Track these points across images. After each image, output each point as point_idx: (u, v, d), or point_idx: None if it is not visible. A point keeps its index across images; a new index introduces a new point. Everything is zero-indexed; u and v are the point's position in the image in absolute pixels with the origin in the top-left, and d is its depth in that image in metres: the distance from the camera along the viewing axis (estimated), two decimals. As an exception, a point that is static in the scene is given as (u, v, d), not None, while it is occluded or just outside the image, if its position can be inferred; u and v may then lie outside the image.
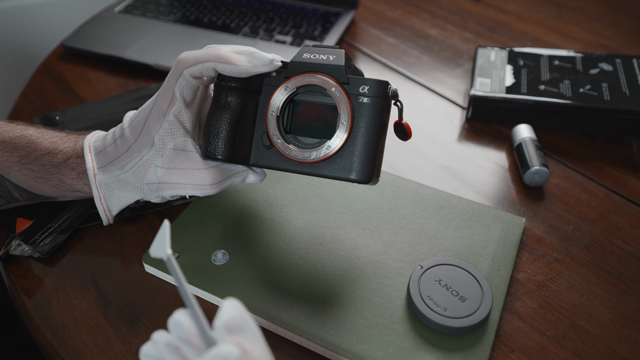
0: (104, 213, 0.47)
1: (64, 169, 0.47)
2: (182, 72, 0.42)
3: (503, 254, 0.48)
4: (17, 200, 0.50)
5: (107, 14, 0.85)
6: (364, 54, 0.81)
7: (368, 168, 0.42)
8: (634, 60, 0.69)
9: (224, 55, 0.42)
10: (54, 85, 0.73)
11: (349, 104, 0.42)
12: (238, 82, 0.43)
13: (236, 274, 0.46)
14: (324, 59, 0.43)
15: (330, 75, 0.43)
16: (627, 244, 0.52)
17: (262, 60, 0.42)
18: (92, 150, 0.47)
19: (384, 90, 0.42)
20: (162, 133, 0.44)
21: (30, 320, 0.45)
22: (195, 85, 0.44)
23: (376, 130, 0.42)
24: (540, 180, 0.57)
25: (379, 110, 0.42)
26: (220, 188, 0.46)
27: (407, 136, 0.46)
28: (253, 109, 0.45)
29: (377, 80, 0.42)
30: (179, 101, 0.44)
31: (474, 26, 0.88)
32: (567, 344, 0.43)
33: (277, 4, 0.88)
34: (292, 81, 0.44)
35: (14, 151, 0.47)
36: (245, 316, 0.31)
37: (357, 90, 0.42)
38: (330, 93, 0.42)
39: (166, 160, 0.45)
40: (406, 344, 0.41)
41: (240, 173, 0.46)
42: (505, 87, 0.66)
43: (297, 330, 0.42)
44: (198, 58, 0.42)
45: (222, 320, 0.30)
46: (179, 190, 0.46)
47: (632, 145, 0.64)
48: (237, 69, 0.42)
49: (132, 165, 0.46)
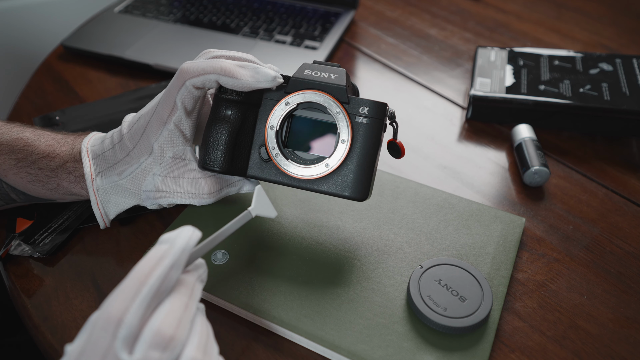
0: (101, 218, 0.48)
1: (61, 173, 0.47)
2: (184, 83, 0.42)
3: (503, 254, 0.48)
4: (15, 202, 0.50)
5: (107, 14, 0.85)
6: (364, 54, 0.81)
7: (364, 186, 0.43)
8: (634, 60, 0.69)
9: (227, 68, 0.41)
10: (54, 85, 0.73)
11: (349, 124, 0.43)
12: (239, 96, 0.43)
13: (236, 274, 0.46)
14: (325, 77, 0.44)
15: (332, 94, 0.43)
16: (627, 244, 0.52)
17: (265, 77, 0.42)
18: (89, 155, 0.47)
19: (382, 112, 0.43)
20: (161, 141, 0.44)
21: (30, 320, 0.45)
22: (196, 95, 0.44)
23: (373, 150, 0.43)
24: (540, 180, 0.57)
25: (376, 131, 0.43)
26: (217, 197, 0.47)
27: (401, 155, 0.47)
28: (252, 122, 0.45)
29: (377, 102, 0.43)
30: (180, 110, 0.43)
31: (474, 26, 0.88)
32: (567, 344, 0.43)
33: (277, 4, 0.88)
34: (292, 97, 0.44)
35: (10, 154, 0.47)
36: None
37: (357, 111, 0.43)
38: (331, 112, 0.43)
39: (164, 169, 0.45)
40: (406, 344, 0.41)
41: (236, 183, 0.48)
42: (505, 87, 0.66)
43: (297, 330, 0.42)
44: (201, 70, 0.42)
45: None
46: (176, 199, 0.46)
47: (632, 145, 0.64)
48: (240, 83, 0.42)
49: (130, 172, 0.46)
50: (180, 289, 0.31)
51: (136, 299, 0.28)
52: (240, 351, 0.42)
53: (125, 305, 0.28)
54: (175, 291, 0.31)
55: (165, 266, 0.30)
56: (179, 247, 0.31)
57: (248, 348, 0.42)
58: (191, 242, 0.32)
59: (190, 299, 0.31)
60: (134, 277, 0.29)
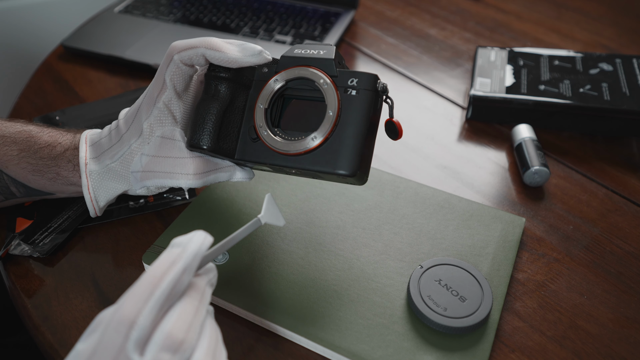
0: (90, 203, 0.47)
1: (61, 161, 0.47)
2: (172, 58, 0.43)
3: (503, 254, 0.48)
4: (14, 196, 0.49)
5: (107, 14, 0.85)
6: (364, 54, 0.81)
7: (354, 160, 0.40)
8: (634, 60, 0.69)
9: (214, 43, 0.42)
10: (54, 85, 0.73)
11: (337, 96, 0.41)
12: (228, 73, 0.43)
13: (236, 274, 0.46)
14: (314, 53, 0.43)
15: (320, 68, 0.42)
16: (627, 244, 0.52)
17: (251, 51, 0.42)
18: (87, 142, 0.48)
19: (372, 84, 0.41)
20: (151, 120, 0.44)
21: (30, 320, 0.45)
22: (186, 73, 0.44)
23: (363, 122, 0.41)
24: (540, 180, 0.57)
25: (367, 103, 0.41)
26: (204, 180, 0.45)
27: (398, 135, 0.45)
28: (242, 103, 0.45)
29: (366, 73, 0.41)
30: (169, 88, 0.44)
31: (474, 26, 0.88)
32: (567, 344, 0.44)
33: (277, 4, 0.88)
34: (281, 74, 0.43)
35: (13, 145, 0.47)
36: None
37: (346, 83, 0.41)
38: (319, 85, 0.42)
39: (152, 148, 0.45)
40: (406, 344, 0.41)
41: (226, 168, 0.46)
42: (505, 87, 0.66)
43: (297, 330, 0.42)
44: (189, 44, 0.42)
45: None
46: (162, 179, 0.45)
47: (632, 145, 0.64)
48: (226, 57, 0.42)
49: (121, 154, 0.46)
50: (191, 293, 0.31)
51: (149, 301, 0.29)
52: (240, 351, 0.42)
53: (138, 307, 0.28)
54: (187, 295, 0.31)
55: (178, 270, 0.31)
56: (192, 252, 0.32)
57: (248, 348, 0.43)
58: (203, 247, 0.33)
59: (200, 303, 0.32)
60: (147, 279, 0.30)
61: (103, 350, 0.28)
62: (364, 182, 0.43)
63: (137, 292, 0.29)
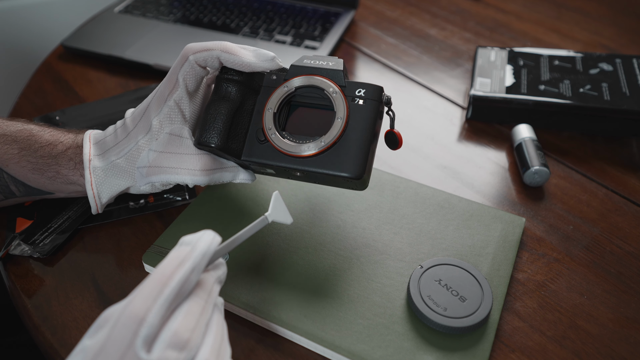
0: (93, 200, 0.47)
1: (62, 160, 0.47)
2: (187, 58, 0.44)
3: (503, 254, 0.48)
4: (14, 195, 0.49)
5: (107, 14, 0.85)
6: (364, 54, 0.81)
7: (360, 165, 0.43)
8: (634, 60, 0.69)
9: (229, 46, 0.44)
10: (54, 85, 0.73)
11: (346, 104, 0.44)
12: (240, 77, 0.45)
13: (236, 274, 0.46)
14: (323, 64, 0.46)
15: (329, 77, 0.45)
16: (627, 244, 0.52)
17: (265, 56, 0.44)
18: (91, 140, 0.48)
19: (378, 95, 0.44)
20: (161, 117, 0.45)
21: (30, 320, 0.45)
22: (198, 74, 0.45)
23: (369, 130, 0.43)
24: (540, 180, 0.57)
25: (372, 112, 0.44)
26: (210, 178, 0.46)
27: (398, 145, 0.47)
28: (251, 106, 0.46)
29: (373, 85, 0.44)
30: (181, 87, 0.45)
31: (474, 26, 0.88)
32: (567, 344, 0.44)
33: (277, 4, 0.88)
34: (291, 81, 0.45)
35: (14, 143, 0.47)
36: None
37: (354, 93, 0.44)
38: (328, 93, 0.44)
39: (160, 144, 0.46)
40: (406, 344, 0.41)
41: (230, 168, 0.47)
42: (505, 87, 0.66)
43: (297, 330, 0.42)
44: (204, 46, 0.44)
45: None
46: (169, 175, 0.46)
47: (632, 145, 0.64)
48: (240, 61, 0.44)
49: (127, 150, 0.46)
50: (199, 292, 0.32)
51: (158, 299, 0.29)
52: (241, 351, 0.42)
53: (148, 305, 0.29)
54: (194, 294, 0.32)
55: (187, 269, 0.31)
56: (200, 252, 0.32)
57: (248, 348, 0.43)
58: (212, 246, 0.33)
59: (207, 302, 0.32)
60: (156, 278, 0.30)
61: (112, 345, 0.28)
62: (365, 187, 0.45)
63: (147, 289, 0.30)
